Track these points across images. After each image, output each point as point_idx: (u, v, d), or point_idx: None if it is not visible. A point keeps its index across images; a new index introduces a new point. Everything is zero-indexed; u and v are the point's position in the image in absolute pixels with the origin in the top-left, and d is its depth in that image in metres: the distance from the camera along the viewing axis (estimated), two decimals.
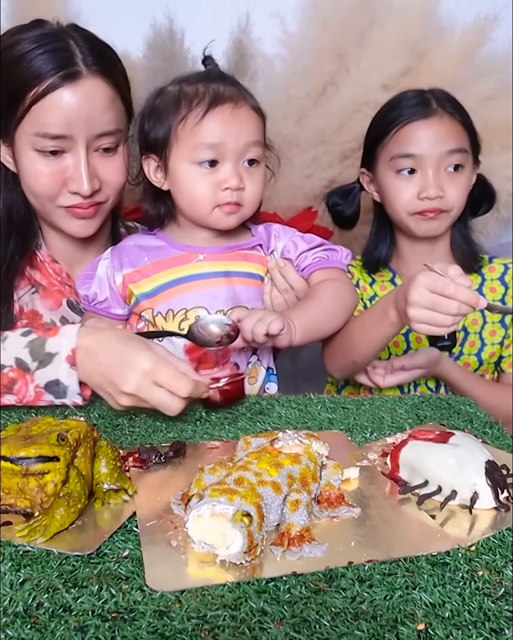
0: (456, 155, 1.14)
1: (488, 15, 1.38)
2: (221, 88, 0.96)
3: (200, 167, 0.95)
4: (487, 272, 1.28)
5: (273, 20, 1.37)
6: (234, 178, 0.95)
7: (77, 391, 0.82)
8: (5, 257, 1.06)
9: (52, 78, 0.93)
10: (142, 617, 0.46)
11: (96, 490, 0.61)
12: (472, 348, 1.26)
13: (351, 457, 0.71)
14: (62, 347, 0.82)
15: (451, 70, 1.40)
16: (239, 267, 1.03)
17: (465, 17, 1.40)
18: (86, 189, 0.98)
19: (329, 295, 1.01)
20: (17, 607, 0.47)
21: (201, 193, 0.96)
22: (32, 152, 0.97)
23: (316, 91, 1.41)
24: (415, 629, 0.45)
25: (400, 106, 1.17)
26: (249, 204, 0.99)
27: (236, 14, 1.39)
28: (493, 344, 1.27)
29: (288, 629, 0.45)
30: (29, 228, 1.09)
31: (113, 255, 1.03)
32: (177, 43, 1.39)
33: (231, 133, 0.94)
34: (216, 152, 0.94)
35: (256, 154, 0.97)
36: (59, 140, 0.96)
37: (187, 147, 0.95)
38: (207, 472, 0.59)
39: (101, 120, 0.97)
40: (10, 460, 0.56)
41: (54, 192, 1.00)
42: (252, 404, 0.88)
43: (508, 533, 0.57)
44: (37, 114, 0.94)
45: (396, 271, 1.30)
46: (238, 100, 0.95)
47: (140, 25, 1.38)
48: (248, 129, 0.96)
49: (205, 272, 1.01)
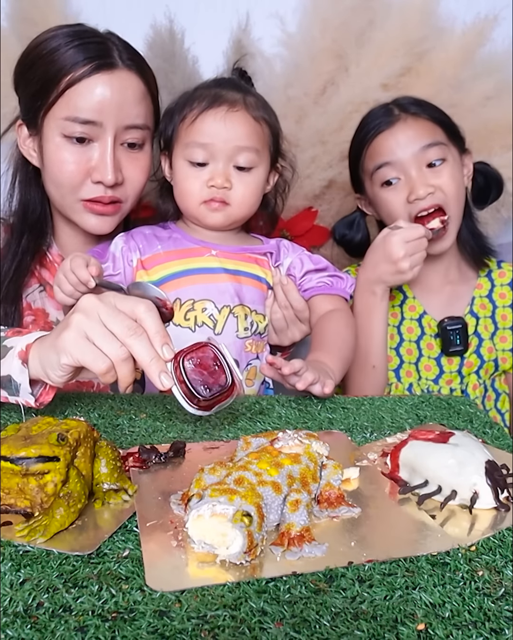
0: (433, 150, 1.14)
1: (488, 15, 1.38)
2: (222, 92, 1.01)
3: (192, 164, 1.01)
4: (496, 277, 1.27)
5: (272, 20, 1.37)
6: (219, 177, 0.99)
7: (28, 390, 0.76)
8: (16, 257, 1.06)
9: (89, 65, 0.96)
10: (142, 617, 0.46)
11: (96, 490, 0.61)
12: (490, 354, 1.26)
13: (351, 457, 0.71)
14: (19, 342, 0.77)
15: (451, 70, 1.40)
16: (249, 269, 1.06)
17: (465, 17, 1.40)
18: (110, 178, 0.99)
19: (348, 331, 1.04)
20: (17, 607, 0.46)
21: (189, 188, 1.02)
22: (59, 137, 0.99)
23: (316, 91, 1.41)
24: (415, 629, 0.45)
25: (366, 124, 1.19)
26: (238, 204, 1.02)
27: (236, 14, 1.39)
28: (504, 350, 1.27)
29: (288, 629, 0.45)
30: (42, 227, 1.11)
31: (127, 238, 1.07)
32: (177, 43, 1.39)
33: (221, 134, 0.99)
34: (206, 151, 0.99)
35: (247, 159, 1.01)
36: (88, 127, 0.98)
37: (183, 145, 1.01)
38: (207, 472, 0.59)
39: (131, 111, 0.99)
40: (10, 460, 0.56)
41: (77, 181, 1.01)
42: (252, 404, 0.88)
43: (509, 533, 0.57)
44: (70, 98, 0.97)
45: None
46: (235, 105, 1.00)
47: (140, 25, 1.38)
48: (239, 133, 0.99)
49: (216, 267, 1.04)
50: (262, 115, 1.02)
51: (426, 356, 1.26)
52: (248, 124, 1.00)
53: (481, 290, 1.27)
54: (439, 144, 1.14)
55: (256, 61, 1.41)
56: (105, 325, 0.68)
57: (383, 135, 1.16)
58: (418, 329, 1.26)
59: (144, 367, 0.68)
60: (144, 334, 0.68)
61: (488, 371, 1.27)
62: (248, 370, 1.06)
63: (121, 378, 0.70)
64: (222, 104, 0.99)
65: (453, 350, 1.23)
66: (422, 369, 1.27)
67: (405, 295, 1.28)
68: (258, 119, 1.01)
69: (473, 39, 1.40)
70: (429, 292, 1.27)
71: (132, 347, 0.68)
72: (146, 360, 0.68)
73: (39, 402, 0.78)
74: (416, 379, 1.27)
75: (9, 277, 1.06)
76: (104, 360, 0.68)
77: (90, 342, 0.69)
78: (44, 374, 0.74)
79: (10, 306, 1.06)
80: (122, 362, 0.68)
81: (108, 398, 0.90)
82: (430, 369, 1.27)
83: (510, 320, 1.26)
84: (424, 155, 1.14)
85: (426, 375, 1.27)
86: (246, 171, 1.01)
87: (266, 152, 1.04)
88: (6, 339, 0.79)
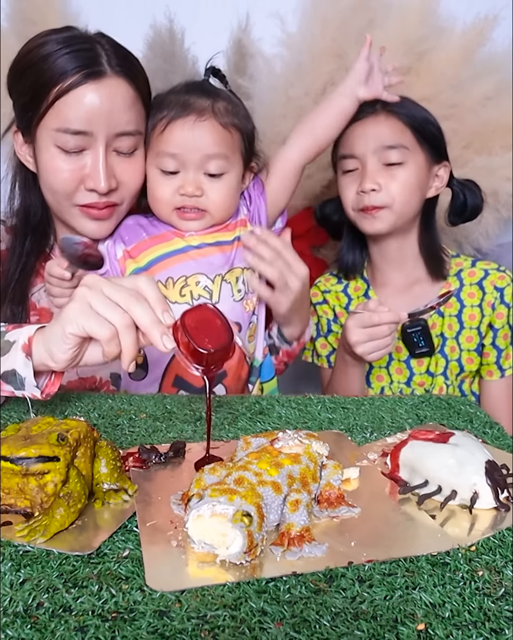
0: (393, 152, 1.15)
1: (488, 15, 1.38)
2: (190, 100, 1.02)
3: (162, 172, 1.04)
4: (466, 276, 1.26)
5: (272, 20, 1.37)
6: (190, 185, 1.02)
7: (34, 383, 0.76)
8: (21, 258, 1.08)
9: (77, 75, 0.96)
10: (142, 617, 0.46)
11: (96, 490, 0.61)
12: (452, 353, 1.25)
13: (351, 457, 0.71)
14: (21, 335, 0.77)
15: (451, 70, 1.40)
16: (227, 237, 1.09)
17: (465, 17, 1.40)
18: (103, 186, 0.99)
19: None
20: (17, 607, 0.46)
21: (161, 195, 1.05)
22: (53, 148, 0.99)
23: (316, 91, 1.41)
24: (415, 629, 0.45)
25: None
26: (216, 210, 1.05)
27: (236, 14, 1.39)
28: (469, 350, 1.25)
29: (288, 629, 0.45)
30: (45, 229, 1.13)
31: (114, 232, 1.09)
32: (177, 43, 1.39)
33: (188, 144, 1.01)
34: (176, 160, 1.02)
35: (217, 166, 1.03)
36: (79, 137, 0.98)
37: (154, 153, 1.04)
38: (207, 472, 0.59)
39: (121, 119, 0.99)
40: (10, 460, 0.56)
41: (71, 189, 1.01)
42: (252, 404, 0.88)
43: (509, 533, 0.57)
44: (59, 109, 0.97)
45: (370, 282, 1.31)
46: (203, 114, 1.01)
47: (140, 25, 1.38)
48: (208, 142, 1.01)
49: (198, 244, 1.07)
50: (231, 121, 1.03)
51: (395, 359, 1.26)
52: (216, 132, 1.01)
53: (449, 289, 1.25)
54: (401, 147, 1.15)
55: (256, 61, 1.41)
56: (108, 296, 0.71)
57: (355, 125, 1.17)
58: None
59: (146, 331, 0.70)
60: (145, 302, 0.71)
61: (453, 371, 1.25)
62: (250, 329, 1.10)
63: (124, 348, 0.71)
64: (190, 114, 1.01)
65: (420, 352, 1.23)
66: (393, 372, 1.26)
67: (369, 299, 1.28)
68: (226, 125, 1.02)
69: (473, 39, 1.40)
70: (395, 295, 1.26)
71: (134, 312, 0.70)
72: (147, 324, 0.70)
73: (45, 393, 0.79)
74: (387, 382, 1.27)
75: (15, 278, 1.08)
76: (108, 326, 0.70)
77: (94, 311, 0.71)
78: (48, 357, 0.75)
79: (17, 307, 1.08)
80: (126, 329, 0.70)
81: (108, 398, 0.90)
82: (401, 372, 1.26)
83: (477, 320, 1.24)
84: (383, 154, 1.16)
85: (397, 378, 1.26)
86: (217, 177, 1.03)
87: (237, 156, 1.05)
88: (7, 334, 0.79)
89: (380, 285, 1.30)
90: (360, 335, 1.04)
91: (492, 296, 1.23)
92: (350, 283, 1.33)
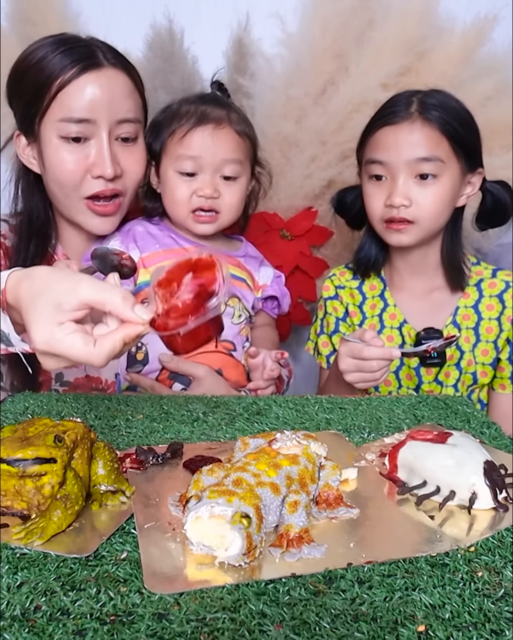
0: (427, 165, 1.09)
1: (488, 15, 1.38)
2: (208, 110, 1.11)
3: (181, 175, 1.10)
4: (486, 287, 1.22)
5: (272, 20, 1.36)
6: (208, 187, 1.09)
7: (18, 338, 0.69)
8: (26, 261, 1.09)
9: (76, 67, 1.01)
10: (141, 620, 0.45)
11: (94, 492, 0.61)
12: (468, 367, 1.22)
13: (349, 458, 0.71)
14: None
15: (451, 70, 1.40)
16: (234, 271, 1.19)
17: (465, 17, 1.40)
18: (109, 171, 1.03)
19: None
20: (14, 611, 0.46)
21: (179, 197, 1.11)
22: (56, 139, 1.03)
23: (316, 91, 1.41)
24: (415, 631, 0.45)
25: (385, 107, 1.15)
26: (227, 212, 1.13)
27: (236, 13, 1.39)
28: (484, 364, 1.22)
29: (288, 631, 0.44)
30: (48, 231, 1.15)
31: (122, 237, 1.14)
32: (177, 43, 1.39)
33: (208, 149, 1.09)
34: (195, 162, 1.09)
35: (232, 170, 1.11)
36: (83, 125, 1.02)
37: (173, 157, 1.10)
38: (205, 474, 0.59)
39: (121, 106, 1.04)
40: (7, 462, 0.56)
41: (78, 179, 1.05)
42: (249, 405, 0.88)
43: (508, 533, 0.57)
44: (62, 100, 1.01)
45: (387, 282, 1.27)
46: (221, 122, 1.10)
47: (140, 25, 1.38)
48: (225, 148, 1.10)
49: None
50: (244, 130, 1.13)
51: (406, 365, 1.23)
52: (233, 139, 1.11)
53: (467, 299, 1.22)
54: (436, 160, 1.09)
55: (256, 61, 1.40)
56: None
57: (387, 129, 1.11)
58: (398, 337, 1.23)
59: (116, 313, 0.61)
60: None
61: (465, 383, 1.23)
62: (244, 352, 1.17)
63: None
64: (209, 122, 1.09)
65: (431, 362, 1.20)
66: (403, 378, 1.25)
67: (385, 303, 1.25)
68: (241, 133, 1.12)
69: (473, 39, 1.40)
70: (411, 300, 1.24)
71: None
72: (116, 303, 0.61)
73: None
74: (396, 387, 1.25)
75: None
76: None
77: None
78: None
79: None
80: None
81: (105, 399, 0.90)
82: (410, 379, 1.24)
83: (494, 334, 1.21)
84: (416, 166, 1.09)
85: (407, 384, 1.25)
86: (232, 180, 1.12)
87: (248, 162, 1.15)
88: None
89: (397, 287, 1.26)
90: (349, 365, 1.00)
91: (511, 311, 1.20)
92: (365, 280, 1.29)
